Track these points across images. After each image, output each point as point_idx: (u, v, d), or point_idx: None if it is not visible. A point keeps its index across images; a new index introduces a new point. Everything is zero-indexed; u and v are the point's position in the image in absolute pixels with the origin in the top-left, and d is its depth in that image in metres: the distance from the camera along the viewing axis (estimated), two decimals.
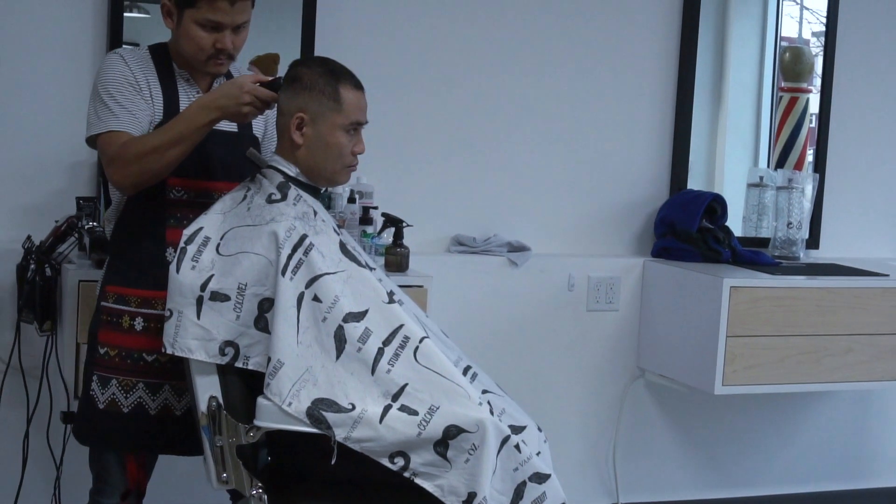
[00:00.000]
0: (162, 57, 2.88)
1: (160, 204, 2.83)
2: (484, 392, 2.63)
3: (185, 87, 2.88)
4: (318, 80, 2.67)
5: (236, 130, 2.90)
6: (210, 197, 2.85)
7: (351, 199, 3.80)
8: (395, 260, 3.74)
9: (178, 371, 2.77)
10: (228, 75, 2.95)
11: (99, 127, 2.77)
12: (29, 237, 3.44)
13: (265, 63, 3.80)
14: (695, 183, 4.52)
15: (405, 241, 3.77)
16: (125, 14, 3.71)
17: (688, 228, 4.29)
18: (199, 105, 2.69)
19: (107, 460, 2.91)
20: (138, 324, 2.81)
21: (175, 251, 2.76)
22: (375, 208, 3.86)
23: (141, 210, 2.84)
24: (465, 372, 2.66)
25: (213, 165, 2.84)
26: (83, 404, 2.88)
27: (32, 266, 3.36)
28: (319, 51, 3.90)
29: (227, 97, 2.67)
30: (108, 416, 2.82)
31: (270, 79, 2.71)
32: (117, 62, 2.81)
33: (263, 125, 3.01)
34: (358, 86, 2.71)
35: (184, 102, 2.85)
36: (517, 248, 4.22)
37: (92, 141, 2.82)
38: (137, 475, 2.90)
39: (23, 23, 3.68)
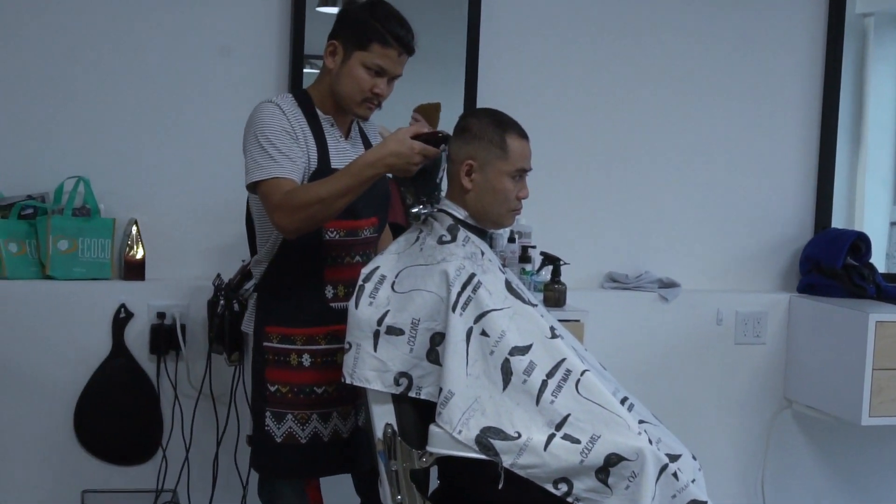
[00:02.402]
0: (307, 104, 2.84)
1: (318, 245, 2.80)
2: (641, 422, 2.57)
3: (330, 132, 2.85)
4: (487, 130, 2.66)
5: None
6: (358, 235, 2.84)
7: (511, 239, 3.78)
8: (554, 296, 3.72)
9: (342, 397, 2.79)
10: (362, 134, 2.96)
11: (261, 174, 2.69)
12: (219, 275, 3.49)
13: (428, 111, 3.81)
14: (837, 221, 4.40)
15: (562, 278, 3.76)
16: (304, 70, 3.77)
17: (833, 265, 4.18)
18: (365, 162, 2.61)
19: (280, 489, 2.90)
20: (306, 360, 2.81)
21: (333, 289, 2.78)
22: (534, 247, 3.84)
23: (299, 252, 2.80)
24: (622, 402, 2.60)
25: (358, 205, 2.77)
26: (260, 440, 2.85)
27: (222, 302, 3.39)
28: (481, 102, 3.91)
29: (398, 156, 2.59)
30: (288, 448, 2.82)
31: (427, 132, 2.65)
32: (275, 111, 2.75)
33: None
34: (523, 135, 2.69)
35: (332, 147, 2.82)
36: (667, 285, 4.15)
37: (252, 187, 2.75)
38: (318, 498, 2.92)
39: (215, 79, 3.77)
